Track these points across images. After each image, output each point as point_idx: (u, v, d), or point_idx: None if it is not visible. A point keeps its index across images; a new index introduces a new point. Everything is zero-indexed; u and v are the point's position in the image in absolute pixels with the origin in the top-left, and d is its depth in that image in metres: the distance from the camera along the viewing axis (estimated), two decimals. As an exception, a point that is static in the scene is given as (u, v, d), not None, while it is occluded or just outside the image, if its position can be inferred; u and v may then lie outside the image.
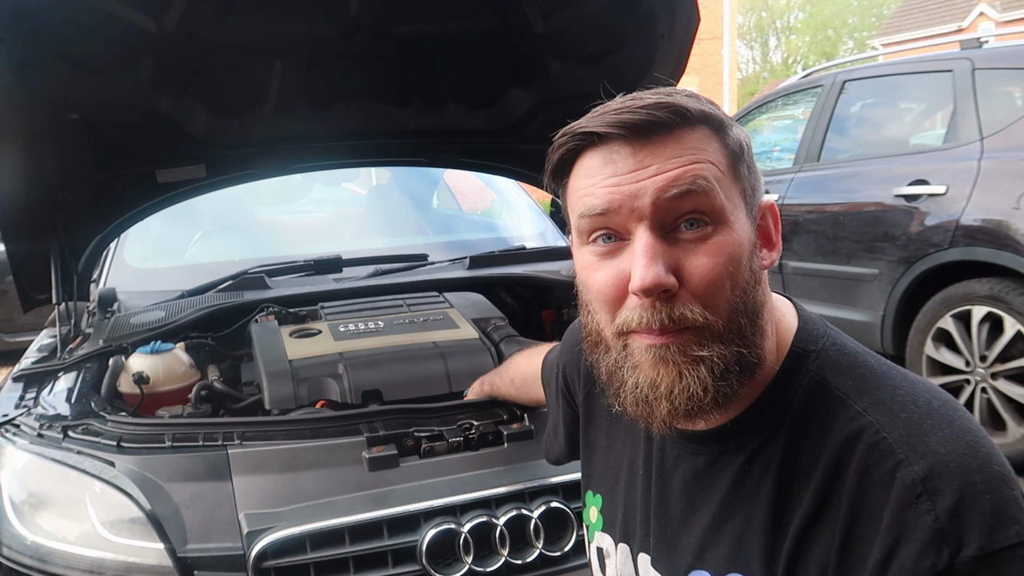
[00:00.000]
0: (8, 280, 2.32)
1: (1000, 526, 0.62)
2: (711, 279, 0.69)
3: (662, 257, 0.69)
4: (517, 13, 1.83)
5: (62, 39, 1.57)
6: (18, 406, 1.60)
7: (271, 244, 2.71)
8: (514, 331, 1.98)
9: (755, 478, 0.75)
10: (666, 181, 0.69)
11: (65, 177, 1.87)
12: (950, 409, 0.69)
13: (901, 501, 0.64)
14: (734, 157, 0.73)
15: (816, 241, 4.07)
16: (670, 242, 0.70)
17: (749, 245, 0.72)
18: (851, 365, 0.74)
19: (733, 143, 0.73)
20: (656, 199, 0.69)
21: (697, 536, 0.80)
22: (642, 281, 0.68)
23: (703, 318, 0.70)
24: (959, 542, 0.61)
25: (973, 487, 0.63)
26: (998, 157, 3.31)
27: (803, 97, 4.67)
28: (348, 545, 1.30)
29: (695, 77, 18.93)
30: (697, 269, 0.69)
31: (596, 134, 0.71)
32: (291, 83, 1.91)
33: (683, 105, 0.70)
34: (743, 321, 0.71)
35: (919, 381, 0.73)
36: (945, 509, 0.62)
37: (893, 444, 0.66)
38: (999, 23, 16.03)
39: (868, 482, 0.66)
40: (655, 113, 0.69)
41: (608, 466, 0.96)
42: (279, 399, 1.66)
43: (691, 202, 0.69)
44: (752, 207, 0.74)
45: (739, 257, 0.71)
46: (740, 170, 0.73)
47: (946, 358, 3.39)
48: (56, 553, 1.31)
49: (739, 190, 0.73)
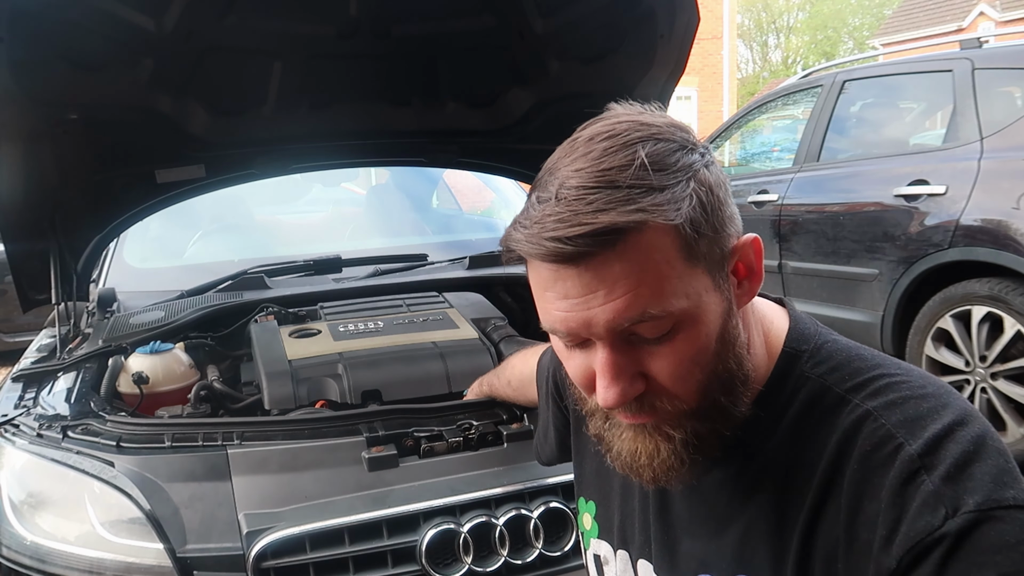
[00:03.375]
0: (7, 280, 2.32)
1: (998, 488, 0.62)
2: (676, 377, 0.70)
3: (624, 370, 0.69)
4: (517, 13, 1.83)
5: (62, 39, 1.57)
6: (17, 406, 1.60)
7: (270, 244, 2.71)
8: (514, 331, 1.98)
9: (756, 480, 0.75)
10: (614, 313, 0.66)
11: (65, 177, 1.87)
12: (945, 392, 0.70)
13: (900, 477, 0.65)
14: (689, 241, 0.66)
15: (816, 241, 4.07)
16: (634, 345, 0.69)
17: (719, 320, 0.70)
18: (845, 360, 0.74)
19: (686, 223, 0.66)
20: (608, 328, 0.67)
21: (700, 541, 0.80)
22: (605, 402, 0.70)
23: (673, 406, 0.71)
24: (956, 503, 0.62)
25: (969, 456, 0.64)
26: (998, 157, 3.31)
27: (803, 97, 4.67)
28: (348, 545, 1.30)
29: (695, 77, 18.94)
30: (661, 371, 0.70)
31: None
32: (291, 83, 1.91)
33: (615, 223, 0.63)
34: (717, 396, 0.72)
35: (913, 369, 0.74)
36: (940, 475, 0.63)
37: (892, 429, 0.67)
38: (999, 23, 16.03)
39: (869, 467, 0.67)
40: (589, 241, 0.64)
41: (600, 471, 0.96)
42: (279, 399, 1.65)
43: (644, 327, 0.67)
44: (723, 267, 0.70)
45: (707, 343, 0.70)
46: (699, 249, 0.67)
47: (946, 358, 3.39)
48: (55, 553, 1.30)
49: (702, 270, 0.69)
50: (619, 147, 0.66)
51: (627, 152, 0.66)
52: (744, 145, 5.49)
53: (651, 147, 0.67)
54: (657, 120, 0.70)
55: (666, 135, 0.69)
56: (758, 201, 4.36)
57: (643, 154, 0.66)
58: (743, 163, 5.33)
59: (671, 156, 0.67)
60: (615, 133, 0.68)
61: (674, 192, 0.66)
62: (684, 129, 0.71)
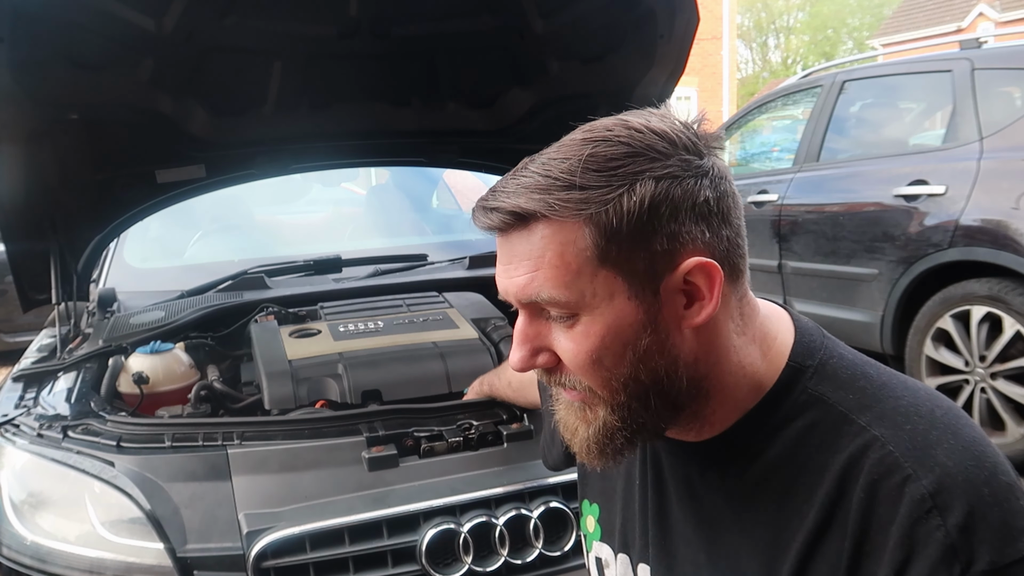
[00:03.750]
0: (8, 280, 2.32)
1: (1010, 539, 0.62)
2: (577, 364, 0.72)
3: (531, 341, 0.74)
4: (517, 13, 1.83)
5: (62, 39, 1.57)
6: (18, 406, 1.60)
7: (271, 244, 2.71)
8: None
9: (750, 491, 0.74)
10: (518, 287, 0.71)
11: (65, 177, 1.87)
12: (953, 417, 0.69)
13: (911, 517, 0.64)
14: (599, 243, 0.67)
15: (816, 241, 4.07)
16: (546, 320, 0.73)
17: (630, 329, 0.69)
18: (851, 378, 0.73)
19: (612, 224, 0.66)
20: (516, 299, 0.73)
21: (695, 548, 0.80)
22: (511, 363, 0.76)
23: (584, 388, 0.74)
24: (970, 557, 0.62)
25: (982, 501, 0.63)
26: (997, 157, 3.31)
27: (803, 97, 4.67)
28: (348, 545, 1.30)
29: (695, 77, 18.94)
30: (564, 354, 0.73)
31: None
32: (290, 83, 1.91)
33: (526, 209, 0.68)
34: (627, 399, 0.72)
35: (920, 389, 0.72)
36: (956, 524, 0.62)
37: (900, 458, 0.66)
38: (998, 23, 16.02)
39: (876, 497, 0.66)
40: (502, 217, 0.70)
41: (604, 474, 0.95)
42: (279, 399, 1.66)
43: (542, 306, 0.72)
44: (651, 282, 0.69)
45: (609, 344, 0.70)
46: (610, 254, 0.67)
47: (945, 358, 3.39)
48: (56, 553, 1.31)
49: (612, 275, 0.68)
50: (579, 142, 0.69)
51: (579, 148, 0.68)
52: (744, 145, 5.49)
53: (603, 148, 0.68)
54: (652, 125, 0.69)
55: (636, 140, 0.68)
56: (758, 201, 4.36)
57: (587, 152, 0.68)
58: (743, 163, 5.33)
59: (617, 161, 0.67)
60: (592, 128, 0.71)
61: (592, 193, 0.67)
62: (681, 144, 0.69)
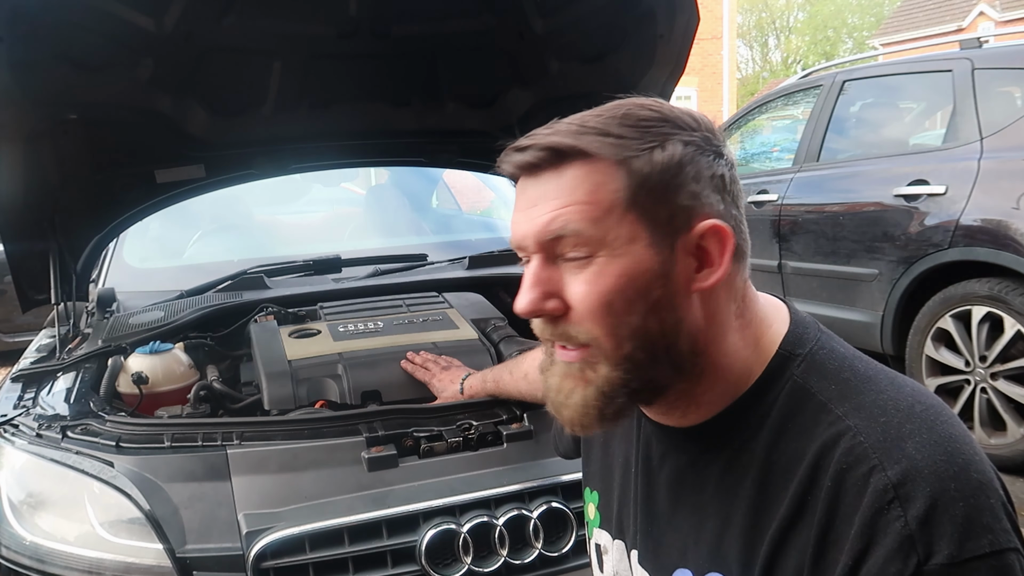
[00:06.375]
0: (7, 280, 2.32)
1: (972, 535, 0.61)
2: (587, 307, 0.72)
3: (543, 284, 0.74)
4: (517, 13, 1.83)
5: (61, 39, 1.57)
6: (17, 406, 1.60)
7: (270, 244, 2.70)
8: (514, 331, 1.98)
9: (735, 478, 0.75)
10: (542, 225, 0.73)
11: (64, 177, 1.87)
12: (933, 414, 0.68)
13: (873, 507, 0.63)
14: (631, 187, 0.71)
15: (816, 241, 4.07)
16: (558, 267, 0.74)
17: (644, 276, 0.71)
18: (837, 369, 0.74)
19: (643, 171, 0.71)
20: (537, 240, 0.74)
21: (681, 534, 0.80)
22: (517, 305, 0.76)
23: (588, 339, 0.73)
24: (929, 549, 0.61)
25: (946, 494, 0.62)
26: (998, 157, 3.31)
27: (803, 97, 4.67)
28: (347, 545, 1.30)
29: (695, 77, 18.95)
30: (575, 295, 0.73)
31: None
32: (290, 83, 1.91)
33: (563, 144, 0.71)
34: (633, 348, 0.72)
35: (906, 385, 0.72)
36: (916, 516, 0.62)
37: (869, 449, 0.66)
38: (999, 23, 16.04)
39: (843, 487, 0.66)
40: (537, 153, 0.72)
41: (605, 463, 0.97)
42: (278, 399, 1.65)
43: (564, 243, 0.73)
44: (671, 235, 0.72)
45: (622, 288, 0.71)
46: (639, 199, 0.71)
47: (946, 358, 3.39)
48: (55, 553, 1.30)
49: (638, 220, 0.71)
50: (612, 106, 0.74)
51: (614, 109, 0.73)
52: (744, 145, 5.49)
53: (636, 110, 0.73)
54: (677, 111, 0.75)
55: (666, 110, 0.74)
56: (758, 201, 4.36)
57: (622, 111, 0.73)
58: (743, 163, 5.33)
59: (651, 121, 0.72)
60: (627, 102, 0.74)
61: (629, 142, 0.71)
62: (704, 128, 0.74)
